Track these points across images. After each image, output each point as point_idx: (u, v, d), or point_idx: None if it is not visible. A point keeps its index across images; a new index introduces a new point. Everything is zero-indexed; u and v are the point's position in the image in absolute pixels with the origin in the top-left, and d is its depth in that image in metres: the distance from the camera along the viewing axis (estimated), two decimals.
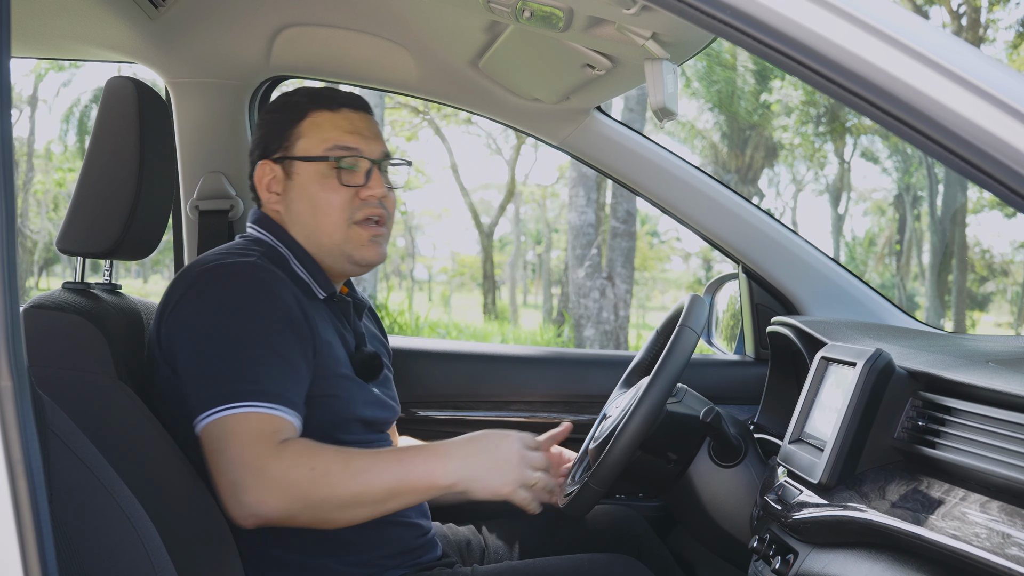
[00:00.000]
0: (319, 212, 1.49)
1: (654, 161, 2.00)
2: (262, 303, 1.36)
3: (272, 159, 1.52)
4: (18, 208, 7.92)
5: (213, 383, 1.30)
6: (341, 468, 1.26)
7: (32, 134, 22.56)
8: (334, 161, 1.48)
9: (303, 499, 1.24)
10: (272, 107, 1.56)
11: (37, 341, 1.28)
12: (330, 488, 1.25)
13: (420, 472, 1.28)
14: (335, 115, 1.52)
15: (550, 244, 29.51)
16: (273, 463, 1.24)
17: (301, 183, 1.50)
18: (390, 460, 1.28)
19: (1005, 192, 0.80)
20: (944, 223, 15.68)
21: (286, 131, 1.51)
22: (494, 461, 1.31)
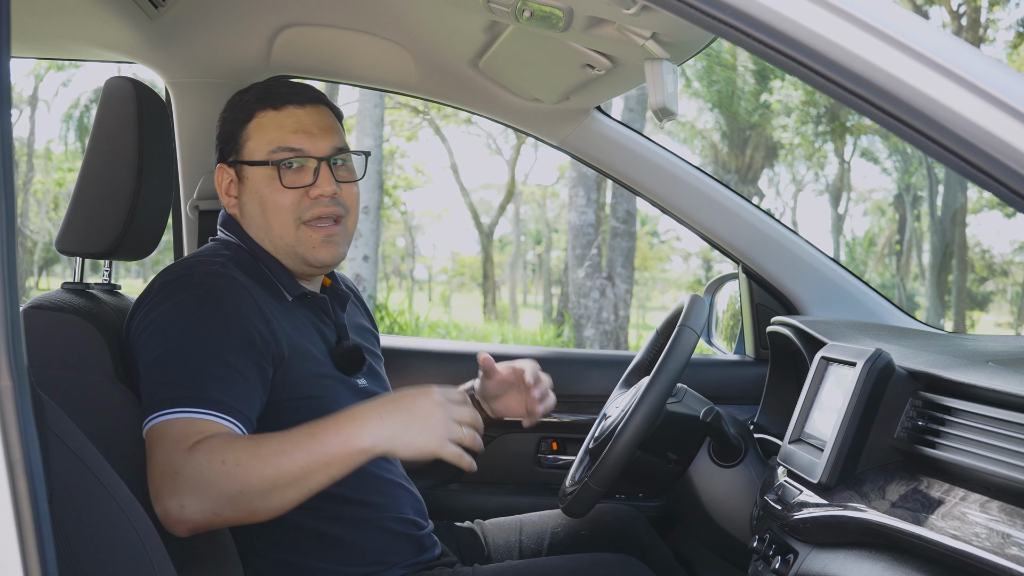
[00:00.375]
0: (268, 214, 1.47)
1: (654, 161, 2.00)
2: (218, 314, 1.33)
3: (227, 162, 1.51)
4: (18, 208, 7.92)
5: (157, 389, 1.28)
6: (251, 455, 1.19)
7: (32, 134, 22.56)
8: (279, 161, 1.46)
9: (221, 495, 1.17)
10: (225, 108, 1.54)
11: (36, 341, 1.28)
12: (245, 477, 1.17)
13: (336, 442, 1.20)
14: (279, 114, 1.48)
15: (550, 244, 29.51)
16: (185, 465, 1.19)
17: (251, 186, 1.49)
18: (302, 436, 1.21)
19: (1005, 192, 0.80)
20: (944, 223, 15.68)
21: (236, 133, 1.50)
22: (414, 418, 1.22)
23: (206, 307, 1.34)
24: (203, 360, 1.29)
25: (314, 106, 1.50)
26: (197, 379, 1.27)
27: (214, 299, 1.35)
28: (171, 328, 1.32)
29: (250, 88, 1.54)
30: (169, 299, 1.36)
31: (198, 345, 1.30)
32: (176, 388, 1.26)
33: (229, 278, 1.39)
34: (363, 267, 10.23)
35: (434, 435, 1.22)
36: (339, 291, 1.60)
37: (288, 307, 1.45)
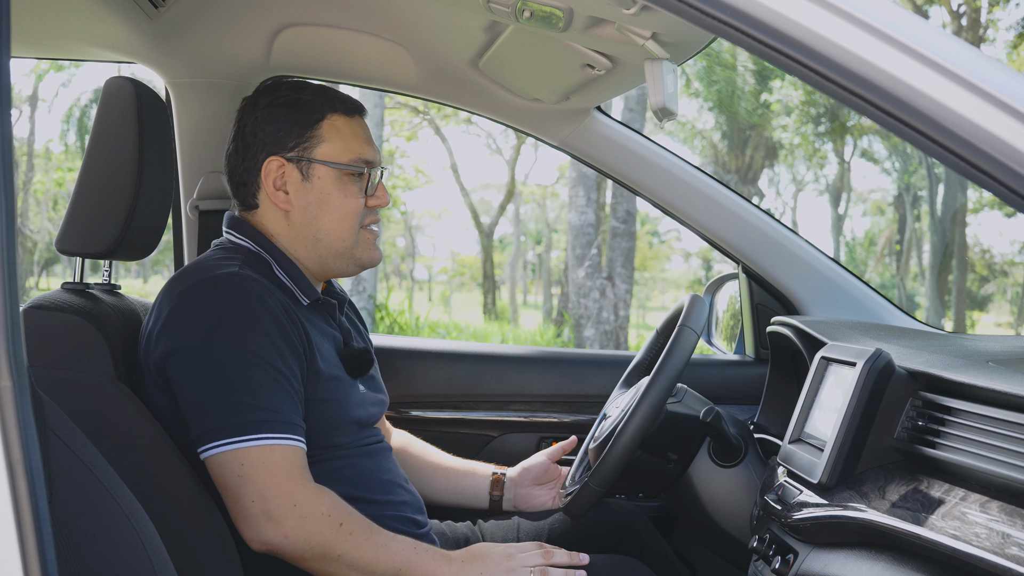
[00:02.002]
0: (335, 217, 1.49)
1: (654, 161, 2.00)
2: (253, 317, 1.35)
3: (286, 156, 1.49)
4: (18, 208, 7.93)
5: (222, 411, 1.31)
6: (365, 534, 1.33)
7: (32, 134, 22.56)
8: (360, 169, 1.50)
9: (323, 547, 1.30)
10: (279, 101, 1.50)
11: (36, 341, 1.28)
12: (349, 547, 1.31)
13: (427, 567, 1.35)
14: (352, 122, 1.52)
15: (550, 244, 29.51)
16: (308, 502, 1.30)
17: (321, 187, 1.48)
18: (406, 545, 1.36)
19: (1005, 192, 0.80)
20: (944, 223, 15.68)
21: (304, 131, 1.48)
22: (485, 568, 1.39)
23: (241, 312, 1.35)
24: (256, 372, 1.32)
25: (364, 117, 1.57)
26: (259, 397, 1.32)
27: (243, 302, 1.36)
28: (212, 340, 1.33)
29: (305, 87, 1.52)
30: (197, 308, 1.36)
31: (247, 355, 1.32)
32: (245, 411, 1.31)
33: (252, 279, 1.39)
34: None
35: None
36: (336, 295, 1.61)
37: (302, 310, 1.46)
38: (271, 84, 1.55)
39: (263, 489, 1.29)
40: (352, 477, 1.47)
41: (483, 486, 1.80)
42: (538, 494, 1.79)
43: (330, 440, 1.44)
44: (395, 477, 1.55)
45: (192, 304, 1.36)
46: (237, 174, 1.53)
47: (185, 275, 1.42)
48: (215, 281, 1.38)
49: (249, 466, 1.29)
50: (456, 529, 1.73)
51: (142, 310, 1.54)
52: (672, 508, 1.77)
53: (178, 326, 1.35)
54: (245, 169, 1.51)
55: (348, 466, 1.47)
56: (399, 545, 1.35)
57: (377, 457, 1.53)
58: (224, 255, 1.46)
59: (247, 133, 1.51)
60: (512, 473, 1.82)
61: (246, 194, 1.52)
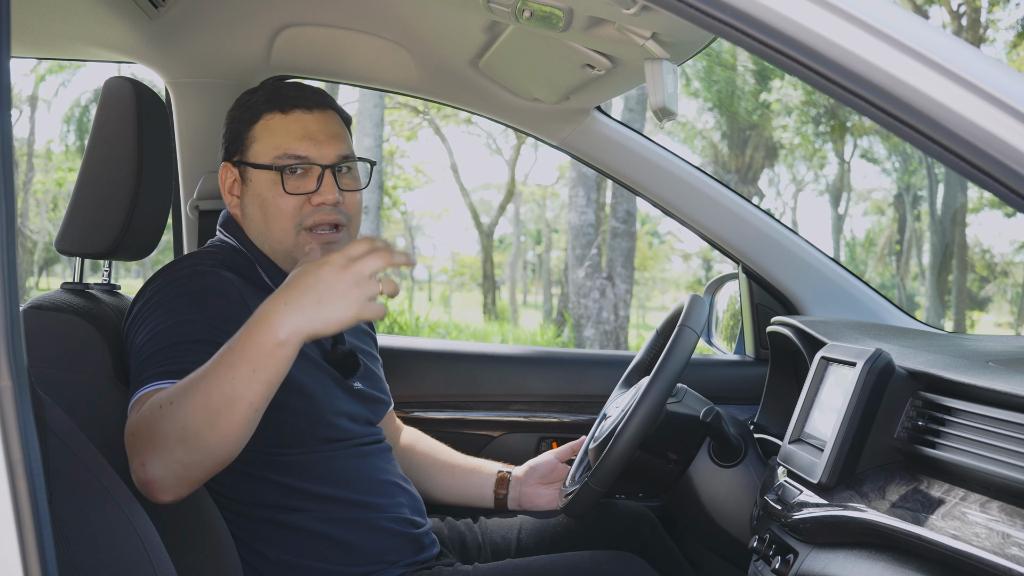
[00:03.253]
0: (269, 217, 1.48)
1: (654, 161, 2.00)
2: (202, 311, 1.32)
3: (231, 162, 1.52)
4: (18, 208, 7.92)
5: (134, 373, 1.27)
6: (181, 390, 1.13)
7: (32, 134, 22.56)
8: (282, 166, 1.45)
9: (168, 438, 1.11)
10: (233, 106, 1.54)
11: (35, 342, 1.28)
12: (182, 412, 1.11)
13: (252, 345, 1.10)
14: (286, 118, 1.48)
15: (550, 244, 29.51)
16: (134, 424, 1.16)
17: (254, 188, 1.49)
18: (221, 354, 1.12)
19: (1005, 192, 0.80)
20: (944, 223, 15.68)
21: (242, 133, 1.50)
22: (322, 292, 1.11)
23: (190, 304, 1.34)
24: (181, 343, 1.27)
25: (322, 111, 1.50)
26: (172, 357, 1.25)
27: (199, 297, 1.35)
28: (155, 319, 1.33)
29: (259, 88, 1.54)
30: (156, 297, 1.37)
31: (177, 331, 1.29)
32: (149, 367, 1.25)
33: (216, 276, 1.39)
34: None
35: (350, 303, 1.11)
36: None
37: None
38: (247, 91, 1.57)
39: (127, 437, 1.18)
40: (349, 479, 1.47)
41: (488, 484, 1.81)
42: (543, 493, 1.79)
43: (319, 434, 1.44)
44: (393, 477, 1.55)
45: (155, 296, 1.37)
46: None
47: (161, 271, 1.43)
48: (181, 277, 1.40)
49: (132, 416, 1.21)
50: (455, 527, 1.73)
51: None
52: (672, 508, 1.77)
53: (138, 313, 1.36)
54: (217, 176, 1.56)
55: (344, 468, 1.47)
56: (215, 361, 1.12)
57: (373, 458, 1.53)
58: (205, 253, 1.49)
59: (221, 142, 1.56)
60: (518, 472, 1.82)
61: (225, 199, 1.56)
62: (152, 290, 1.38)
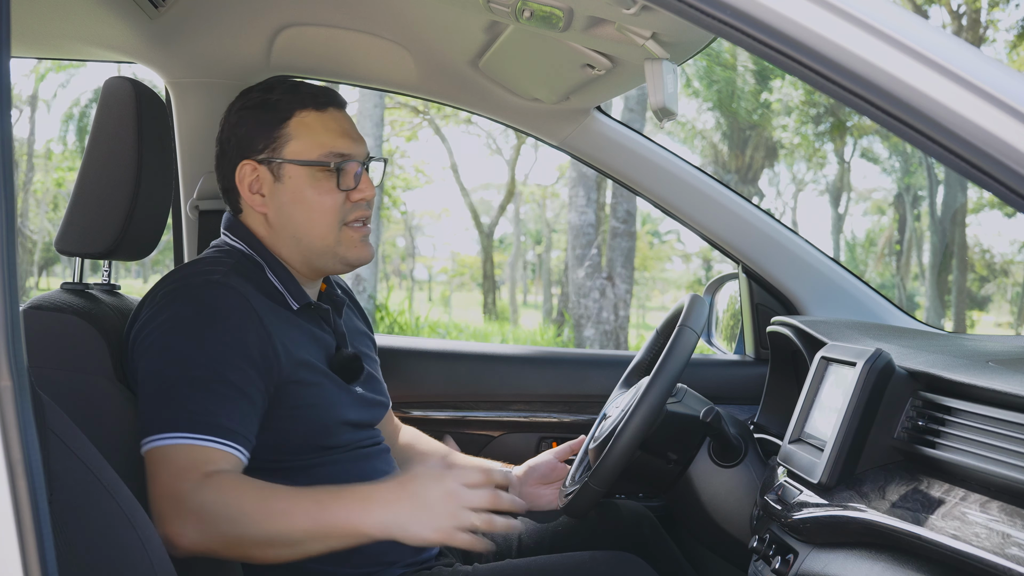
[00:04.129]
0: (313, 215, 1.46)
1: (654, 161, 2.00)
2: (216, 328, 1.33)
3: (257, 159, 1.48)
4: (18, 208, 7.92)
5: (159, 408, 1.28)
6: (258, 507, 1.21)
7: (32, 134, 22.56)
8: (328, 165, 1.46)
9: (220, 535, 1.20)
10: (250, 104, 1.50)
11: (35, 342, 1.28)
12: (245, 528, 1.20)
13: (340, 518, 1.20)
14: (323, 116, 1.48)
15: (550, 244, 29.51)
16: (191, 496, 1.21)
17: (293, 186, 1.46)
18: (310, 502, 1.21)
19: (1005, 192, 0.80)
20: (944, 223, 15.68)
21: (272, 131, 1.47)
22: (422, 507, 1.19)
23: (204, 321, 1.33)
24: (203, 378, 1.29)
25: (345, 110, 1.53)
26: (198, 399, 1.28)
27: (212, 313, 1.34)
28: (170, 342, 1.32)
29: (274, 86, 1.51)
30: (167, 310, 1.35)
31: (197, 362, 1.30)
32: (178, 409, 1.27)
33: (228, 288, 1.37)
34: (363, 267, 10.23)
35: (441, 526, 1.19)
36: (335, 296, 1.59)
37: (290, 316, 1.44)
38: (245, 89, 1.54)
39: (158, 488, 1.23)
40: (348, 481, 1.47)
41: None
42: (543, 493, 1.79)
43: (321, 443, 1.44)
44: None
45: (167, 306, 1.35)
46: (221, 180, 1.53)
47: (169, 278, 1.41)
48: (191, 287, 1.37)
49: (153, 467, 1.25)
50: None
51: None
52: (672, 508, 1.77)
53: (150, 328, 1.34)
54: (224, 175, 1.51)
55: (343, 471, 1.47)
56: (302, 505, 1.21)
57: (372, 459, 1.53)
58: (214, 259, 1.46)
59: (224, 139, 1.51)
60: (518, 471, 1.81)
61: (231, 199, 1.53)
62: (163, 300, 1.36)
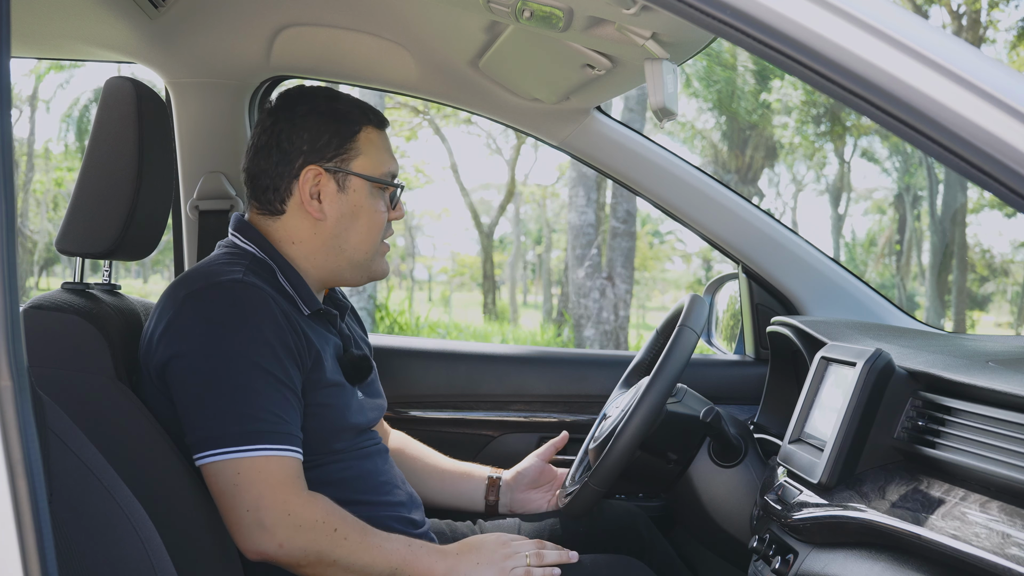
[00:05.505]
0: (363, 229, 1.50)
1: (654, 161, 2.00)
2: (255, 325, 1.34)
3: (324, 167, 1.47)
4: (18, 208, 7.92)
5: (219, 420, 1.31)
6: (359, 537, 1.34)
7: (32, 134, 22.55)
8: (391, 184, 1.52)
9: (318, 554, 1.30)
10: (320, 110, 1.49)
11: (36, 341, 1.28)
12: (344, 552, 1.32)
13: (423, 563, 1.36)
14: (381, 135, 1.53)
15: (550, 244, 29.51)
16: (302, 511, 1.31)
17: (355, 199, 1.48)
18: (401, 544, 1.37)
19: (1005, 192, 0.80)
20: (944, 223, 15.69)
21: (343, 142, 1.48)
22: (483, 557, 1.41)
23: (242, 319, 1.34)
24: (256, 381, 1.32)
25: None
26: (256, 407, 1.31)
27: (246, 310, 1.35)
28: (213, 347, 1.33)
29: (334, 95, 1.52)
30: (198, 311, 1.35)
31: (246, 364, 1.32)
32: (242, 421, 1.30)
33: (256, 287, 1.38)
34: None
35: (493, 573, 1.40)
36: (339, 301, 1.62)
37: (301, 319, 1.45)
38: (303, 90, 1.53)
39: (257, 499, 1.29)
40: (349, 480, 1.47)
41: (479, 489, 1.81)
42: (534, 498, 1.80)
43: (328, 446, 1.45)
44: (392, 478, 1.55)
45: (195, 309, 1.36)
46: (266, 177, 1.49)
47: (189, 279, 1.41)
48: (220, 286, 1.37)
49: (244, 476, 1.29)
50: (456, 528, 1.73)
51: (142, 310, 1.54)
52: (672, 508, 1.77)
53: (180, 331, 1.35)
54: (278, 175, 1.48)
55: (345, 469, 1.47)
56: (394, 545, 1.36)
57: (374, 459, 1.53)
58: (229, 259, 1.45)
59: (283, 138, 1.48)
60: (507, 477, 1.82)
61: (273, 199, 1.49)
62: (190, 301, 1.36)
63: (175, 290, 1.40)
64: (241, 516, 1.29)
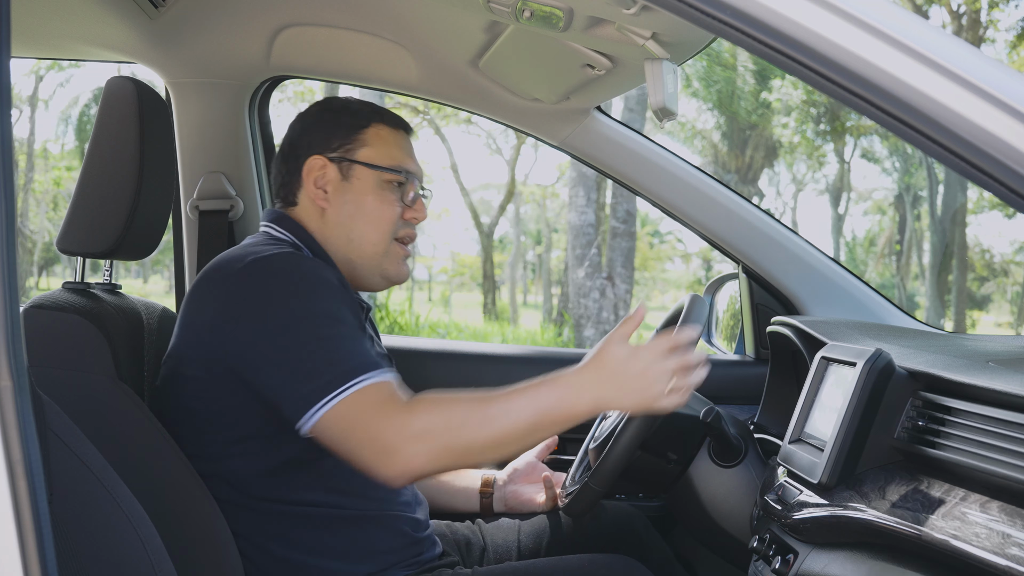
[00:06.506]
0: (369, 220, 1.50)
1: (654, 161, 2.00)
2: (314, 284, 1.36)
3: (329, 156, 1.51)
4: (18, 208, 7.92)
5: (310, 378, 1.30)
6: (476, 415, 1.28)
7: (32, 134, 22.56)
8: (396, 176, 1.51)
9: (447, 449, 1.27)
10: (329, 107, 1.55)
11: (37, 341, 1.28)
12: (471, 436, 1.27)
13: (554, 407, 1.29)
14: (395, 134, 1.55)
15: (550, 244, 29.51)
16: (410, 422, 1.27)
17: (359, 188, 1.50)
18: (523, 401, 1.29)
19: (1005, 192, 0.80)
20: (944, 223, 15.69)
21: (349, 134, 1.52)
22: (624, 382, 1.29)
23: (301, 279, 1.36)
24: (333, 331, 1.33)
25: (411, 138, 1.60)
26: (340, 352, 1.31)
27: (304, 273, 1.37)
28: (283, 315, 1.33)
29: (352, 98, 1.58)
30: (262, 284, 1.35)
31: (321, 320, 1.33)
32: (330, 369, 1.29)
33: (306, 257, 1.41)
34: None
35: (646, 397, 1.29)
36: (361, 302, 1.62)
37: None
38: (323, 99, 1.59)
39: (371, 429, 1.28)
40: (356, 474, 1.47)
41: (473, 486, 1.81)
42: (527, 491, 1.80)
43: None
44: None
45: (252, 283, 1.35)
46: (280, 176, 1.55)
47: (232, 259, 1.40)
48: (270, 259, 1.38)
49: (350, 414, 1.29)
50: (456, 529, 1.73)
51: (144, 309, 1.54)
52: (672, 508, 1.77)
53: (241, 307, 1.34)
54: (288, 170, 1.54)
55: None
56: (518, 404, 1.29)
57: None
58: (267, 241, 1.47)
59: (295, 135, 1.55)
60: (502, 473, 1.83)
61: (287, 192, 1.54)
62: (245, 274, 1.35)
63: (217, 272, 1.39)
64: (366, 452, 1.28)
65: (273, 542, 1.41)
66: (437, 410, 1.28)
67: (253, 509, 1.41)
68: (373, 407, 1.28)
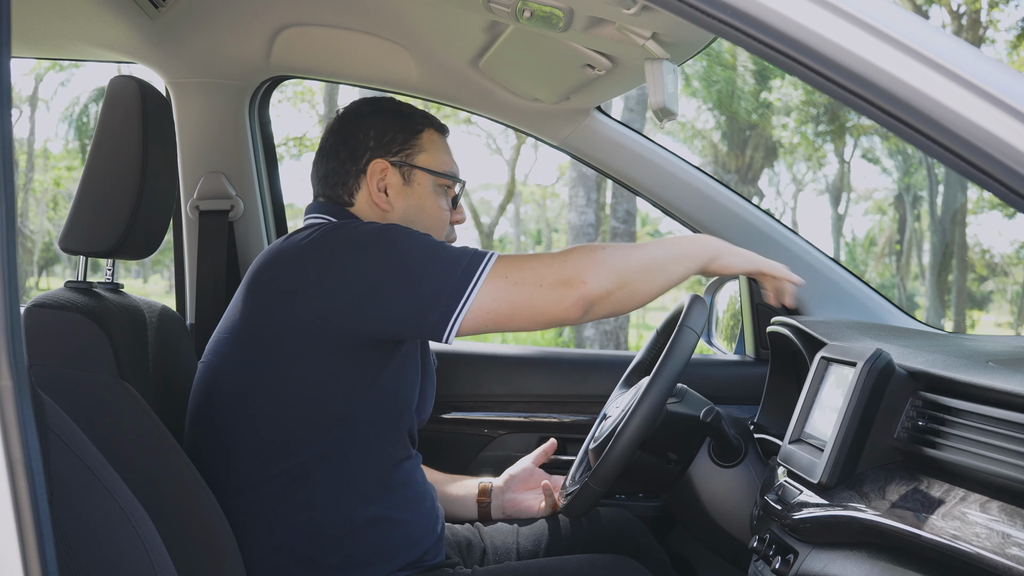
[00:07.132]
0: (429, 223, 1.55)
1: (654, 161, 2.00)
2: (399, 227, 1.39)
3: (390, 160, 1.54)
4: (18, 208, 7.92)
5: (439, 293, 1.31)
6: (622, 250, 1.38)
7: (32, 134, 22.55)
8: (451, 181, 1.57)
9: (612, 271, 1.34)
10: (385, 110, 1.57)
11: (40, 340, 1.28)
12: (624, 259, 1.36)
13: (687, 246, 1.45)
14: (443, 140, 1.60)
15: (550, 244, 29.50)
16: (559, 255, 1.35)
17: (419, 192, 1.55)
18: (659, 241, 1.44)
19: (1005, 192, 0.80)
20: (944, 223, 15.69)
21: (409, 139, 1.55)
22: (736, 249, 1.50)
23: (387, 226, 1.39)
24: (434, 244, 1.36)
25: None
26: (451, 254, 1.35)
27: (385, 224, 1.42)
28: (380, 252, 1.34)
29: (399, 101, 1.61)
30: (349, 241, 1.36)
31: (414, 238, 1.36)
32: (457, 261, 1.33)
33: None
34: None
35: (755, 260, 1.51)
36: None
37: None
38: (369, 98, 1.62)
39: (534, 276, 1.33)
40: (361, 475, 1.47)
41: (471, 494, 1.81)
42: (526, 499, 1.80)
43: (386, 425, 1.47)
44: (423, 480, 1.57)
45: (347, 242, 1.36)
46: (335, 175, 1.55)
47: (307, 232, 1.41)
48: (353, 222, 1.42)
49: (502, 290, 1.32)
50: (457, 532, 1.73)
51: (146, 308, 1.54)
52: (672, 508, 1.77)
53: (335, 268, 1.34)
54: (346, 171, 1.55)
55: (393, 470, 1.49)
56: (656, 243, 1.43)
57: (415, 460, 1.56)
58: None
59: (350, 136, 1.56)
60: (499, 481, 1.83)
61: (342, 192, 1.55)
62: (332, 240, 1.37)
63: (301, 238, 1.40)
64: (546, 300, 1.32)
65: (274, 544, 1.41)
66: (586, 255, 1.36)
67: (255, 509, 1.41)
68: (519, 260, 1.35)
